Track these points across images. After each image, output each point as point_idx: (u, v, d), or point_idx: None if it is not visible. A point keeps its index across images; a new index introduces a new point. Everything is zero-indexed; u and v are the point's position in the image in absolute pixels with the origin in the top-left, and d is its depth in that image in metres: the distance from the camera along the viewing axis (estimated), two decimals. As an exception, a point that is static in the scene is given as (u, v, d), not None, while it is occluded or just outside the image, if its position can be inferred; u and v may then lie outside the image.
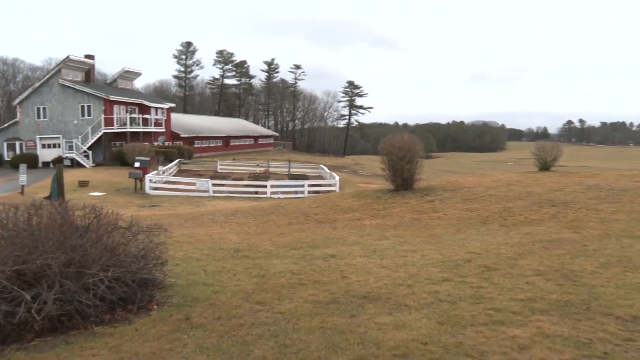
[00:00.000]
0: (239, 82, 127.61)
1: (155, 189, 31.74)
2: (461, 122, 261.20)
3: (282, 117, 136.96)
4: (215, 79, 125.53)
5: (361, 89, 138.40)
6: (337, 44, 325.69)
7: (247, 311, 6.58)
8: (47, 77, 51.15)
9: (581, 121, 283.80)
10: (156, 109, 58.10)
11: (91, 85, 51.96)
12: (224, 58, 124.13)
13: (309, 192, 31.77)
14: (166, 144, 55.95)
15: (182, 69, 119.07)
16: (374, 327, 5.73)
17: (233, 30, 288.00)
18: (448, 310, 6.23)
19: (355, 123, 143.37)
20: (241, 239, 12.86)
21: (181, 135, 63.51)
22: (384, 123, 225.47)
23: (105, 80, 65.43)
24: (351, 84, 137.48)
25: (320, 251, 10.55)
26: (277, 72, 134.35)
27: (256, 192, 32.13)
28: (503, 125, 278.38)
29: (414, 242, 11.26)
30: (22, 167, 29.53)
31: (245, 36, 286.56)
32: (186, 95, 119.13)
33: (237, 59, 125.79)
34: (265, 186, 32.57)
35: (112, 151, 47.97)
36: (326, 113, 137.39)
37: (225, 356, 5.18)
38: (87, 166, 46.49)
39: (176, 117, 68.95)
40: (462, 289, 7.11)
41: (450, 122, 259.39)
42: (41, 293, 5.93)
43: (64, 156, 46.86)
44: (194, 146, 64.39)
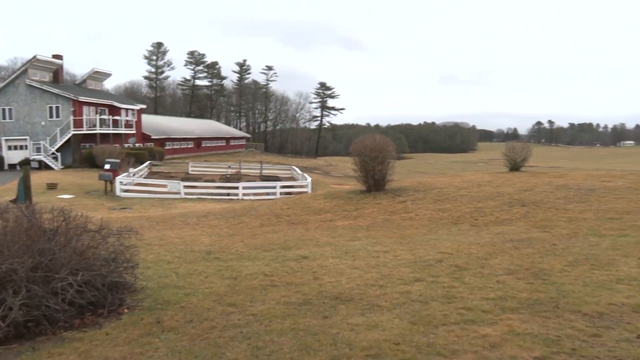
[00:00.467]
0: (210, 83, 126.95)
1: (126, 191, 31.36)
2: (432, 123, 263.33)
3: (254, 118, 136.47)
4: (186, 80, 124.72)
5: (333, 90, 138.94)
6: (309, 46, 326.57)
7: (219, 313, 6.53)
8: (12, 77, 50.09)
9: (550, 122, 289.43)
10: (127, 110, 57.38)
11: (60, 85, 51.10)
12: (195, 59, 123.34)
13: (281, 194, 31.70)
14: (137, 145, 55.29)
15: (153, 69, 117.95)
16: (347, 328, 5.74)
17: (204, 31, 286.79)
18: (420, 310, 6.27)
19: (327, 124, 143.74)
20: (213, 241, 12.77)
21: (152, 137, 62.83)
22: (356, 124, 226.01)
23: (74, 81, 64.50)
24: (323, 85, 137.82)
25: (292, 252, 10.53)
26: (249, 74, 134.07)
27: (228, 194, 31.95)
28: (474, 126, 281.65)
29: (386, 242, 11.31)
30: (-13, 169, 28.91)
31: (216, 37, 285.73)
32: (157, 97, 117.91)
33: (209, 60, 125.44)
34: (237, 188, 32.40)
35: (82, 153, 47.22)
36: (298, 114, 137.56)
37: (198, 359, 5.14)
38: (55, 168, 45.71)
39: (147, 119, 68.20)
40: (433, 289, 7.16)
41: (421, 123, 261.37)
42: (6, 299, 5.80)
43: (31, 158, 45.99)
44: (166, 148, 63.76)
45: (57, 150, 46.97)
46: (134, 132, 56.64)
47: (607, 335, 5.20)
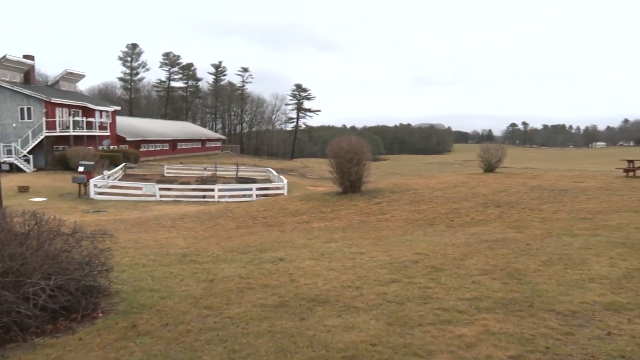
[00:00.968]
0: (185, 85, 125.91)
1: (100, 193, 30.98)
2: (408, 124, 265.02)
3: (230, 120, 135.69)
4: (161, 81, 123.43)
5: (309, 92, 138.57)
6: (284, 48, 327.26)
7: (195, 317, 6.48)
8: (-19, 77, 49.19)
9: (524, 124, 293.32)
10: (101, 112, 56.63)
11: (31, 86, 50.18)
12: (170, 60, 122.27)
13: (257, 196, 31.59)
14: (111, 147, 54.61)
15: (128, 71, 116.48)
16: (323, 330, 5.73)
17: (179, 32, 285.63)
18: (396, 311, 6.29)
19: (304, 126, 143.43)
20: (189, 243, 12.67)
21: (127, 139, 62.12)
22: (332, 126, 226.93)
23: (46, 82, 63.45)
24: (299, 87, 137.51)
25: (268, 255, 10.50)
26: (225, 75, 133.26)
27: (204, 196, 31.78)
28: (449, 127, 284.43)
29: (362, 244, 11.33)
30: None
31: (191, 39, 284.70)
32: (132, 98, 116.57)
33: (184, 61, 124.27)
34: (213, 190, 32.23)
35: (55, 155, 46.48)
36: (274, 116, 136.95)
37: (173, 363, 5.09)
38: (27, 171, 44.94)
39: (122, 121, 67.43)
40: (410, 290, 7.19)
41: (397, 124, 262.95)
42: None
43: (1, 161, 45.10)
44: (141, 150, 63.15)
45: (29, 152, 46.13)
46: (108, 134, 55.94)
47: (580, 333, 5.29)
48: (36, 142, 46.13)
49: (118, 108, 65.37)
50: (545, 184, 17.99)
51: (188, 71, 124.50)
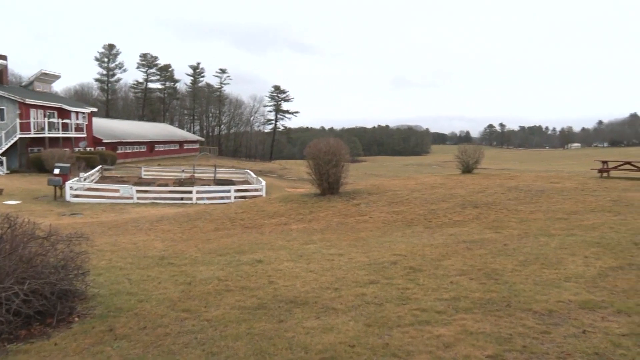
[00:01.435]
0: (163, 86, 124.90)
1: (77, 196, 30.57)
2: (386, 126, 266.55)
3: (208, 121, 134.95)
4: (139, 82, 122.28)
5: (287, 93, 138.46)
6: (262, 50, 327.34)
7: (173, 320, 6.41)
8: (-48, 78, 48.29)
9: (501, 125, 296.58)
10: (77, 113, 55.95)
11: (4, 87, 49.36)
12: (147, 61, 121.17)
13: (235, 198, 31.50)
14: (88, 149, 54.01)
15: (105, 72, 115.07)
16: (302, 332, 5.72)
17: (156, 34, 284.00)
18: (375, 312, 6.30)
19: (282, 127, 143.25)
20: (166, 246, 12.57)
21: (104, 141, 61.49)
22: (311, 127, 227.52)
23: (20, 83, 62.55)
24: (277, 89, 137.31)
25: (247, 257, 10.45)
26: (203, 77, 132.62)
27: (182, 198, 31.56)
28: (427, 129, 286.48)
29: (340, 245, 11.33)
30: None
31: (169, 40, 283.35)
32: (109, 100, 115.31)
33: (162, 62, 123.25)
34: (191, 192, 32.03)
35: (30, 157, 45.78)
36: (252, 117, 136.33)
37: (150, 367, 5.04)
38: (1, 173, 44.23)
39: (98, 122, 66.71)
40: (388, 291, 7.21)
41: (375, 126, 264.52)
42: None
43: (-27, 163, 44.39)
44: (118, 152, 62.55)
45: (2, 154, 45.34)
46: (84, 135, 55.29)
47: (556, 331, 5.35)
48: (10, 144, 45.39)
49: (95, 109, 64.67)
50: (522, 184, 18.19)
51: (166, 72, 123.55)
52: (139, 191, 31.55)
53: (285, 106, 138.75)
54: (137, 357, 5.28)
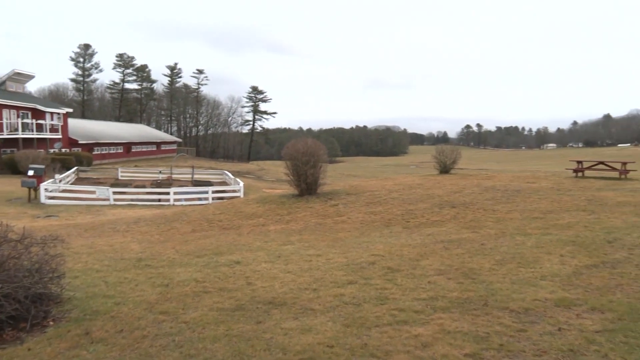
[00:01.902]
0: (140, 87, 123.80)
1: (52, 198, 30.14)
2: (364, 127, 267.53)
3: (185, 122, 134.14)
4: (115, 83, 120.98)
5: (265, 94, 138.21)
6: (239, 50, 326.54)
7: (150, 322, 6.34)
8: None
9: (478, 126, 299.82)
10: (52, 114, 55.21)
11: (-24, 88, 48.67)
12: (124, 62, 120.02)
13: (213, 199, 31.35)
14: (63, 150, 53.31)
15: (80, 72, 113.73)
16: (280, 333, 5.69)
17: (133, 34, 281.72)
18: (353, 312, 6.30)
19: (260, 128, 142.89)
20: (144, 248, 12.44)
21: (79, 142, 60.75)
22: (289, 128, 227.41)
23: (-9, 83, 61.50)
24: (255, 89, 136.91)
25: (225, 258, 10.39)
26: (180, 77, 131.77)
27: (159, 200, 31.30)
28: (405, 129, 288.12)
29: (318, 246, 11.32)
30: None
31: (146, 41, 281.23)
32: (85, 100, 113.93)
33: (138, 63, 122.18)
34: (168, 193, 31.77)
35: (2, 159, 45.07)
36: (230, 118, 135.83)
37: (126, 371, 4.97)
38: (-27, 175, 43.50)
39: (74, 123, 65.87)
40: (366, 291, 7.21)
41: (353, 127, 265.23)
42: None
43: (-56, 165, 43.56)
44: (94, 153, 61.78)
45: (-25, 156, 44.70)
46: (59, 136, 54.58)
47: (532, 329, 5.41)
48: (-18, 146, 44.67)
49: (70, 110, 63.84)
50: (499, 184, 18.37)
51: (142, 73, 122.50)
52: (115, 192, 31.20)
53: (263, 107, 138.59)
54: (113, 360, 5.21)
